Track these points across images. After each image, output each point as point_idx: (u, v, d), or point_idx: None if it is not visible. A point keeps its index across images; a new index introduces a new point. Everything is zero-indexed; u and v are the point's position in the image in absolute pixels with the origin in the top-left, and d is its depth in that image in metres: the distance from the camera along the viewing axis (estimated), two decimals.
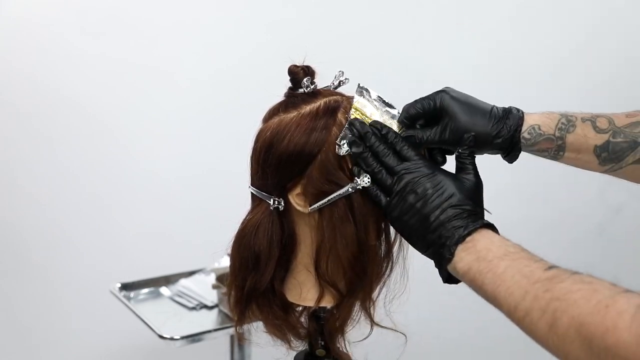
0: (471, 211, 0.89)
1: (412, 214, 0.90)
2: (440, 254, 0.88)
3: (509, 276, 0.81)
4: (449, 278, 0.90)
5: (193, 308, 1.98)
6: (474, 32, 2.39)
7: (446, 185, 0.91)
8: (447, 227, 0.88)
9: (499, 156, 1.05)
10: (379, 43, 2.35)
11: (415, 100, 1.01)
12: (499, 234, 0.89)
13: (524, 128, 1.02)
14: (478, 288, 0.85)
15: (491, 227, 0.89)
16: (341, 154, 0.95)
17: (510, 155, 1.03)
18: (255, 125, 1.02)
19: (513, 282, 0.80)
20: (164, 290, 2.08)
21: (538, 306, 0.76)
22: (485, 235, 0.87)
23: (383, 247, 1.02)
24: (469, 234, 0.87)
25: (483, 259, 0.84)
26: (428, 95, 1.01)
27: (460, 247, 0.86)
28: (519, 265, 0.81)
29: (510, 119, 1.01)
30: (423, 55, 2.35)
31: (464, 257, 0.86)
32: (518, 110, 1.03)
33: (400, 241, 1.02)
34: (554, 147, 1.04)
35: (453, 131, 0.98)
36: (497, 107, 1.02)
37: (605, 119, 1.05)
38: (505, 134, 1.00)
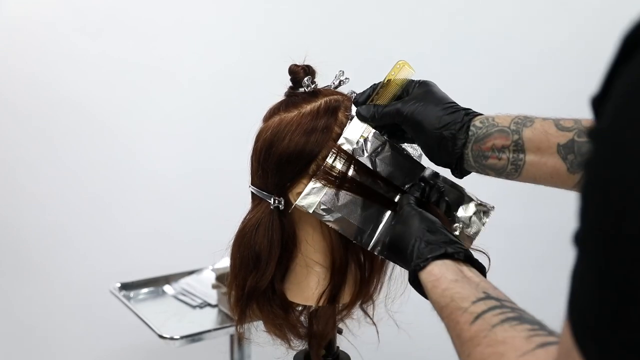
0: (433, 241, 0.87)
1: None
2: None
3: (451, 337, 0.78)
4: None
5: (197, 306, 1.98)
6: (474, 32, 2.39)
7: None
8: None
9: None
10: (378, 43, 2.35)
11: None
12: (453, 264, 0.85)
13: (476, 119, 0.93)
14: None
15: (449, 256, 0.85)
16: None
17: (459, 162, 0.93)
18: (255, 124, 1.02)
19: (453, 343, 0.77)
20: (167, 288, 2.08)
21: None
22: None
23: None
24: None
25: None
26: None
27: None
28: (451, 322, 0.78)
29: (464, 112, 0.94)
30: (422, 55, 2.34)
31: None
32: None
33: None
34: (510, 144, 0.90)
35: (406, 104, 0.95)
36: (457, 104, 0.96)
37: (571, 119, 0.90)
38: (455, 119, 0.92)
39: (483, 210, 0.98)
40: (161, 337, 1.78)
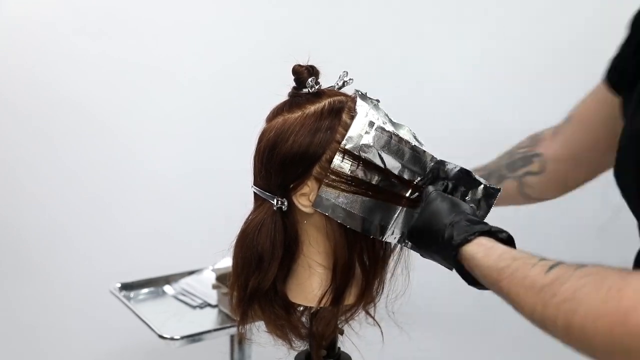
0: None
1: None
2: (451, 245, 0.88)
3: (514, 294, 0.78)
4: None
5: (197, 306, 1.98)
6: (475, 32, 2.39)
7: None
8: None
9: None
10: (379, 42, 2.35)
11: None
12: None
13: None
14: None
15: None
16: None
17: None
18: (257, 124, 1.02)
19: (519, 299, 0.77)
20: (167, 288, 2.08)
21: (550, 313, 0.72)
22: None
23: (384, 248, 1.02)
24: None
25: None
26: None
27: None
28: (515, 279, 0.78)
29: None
30: (423, 55, 2.34)
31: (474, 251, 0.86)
32: None
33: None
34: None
35: None
36: None
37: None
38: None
39: (490, 192, 1.00)
40: (161, 337, 1.78)
